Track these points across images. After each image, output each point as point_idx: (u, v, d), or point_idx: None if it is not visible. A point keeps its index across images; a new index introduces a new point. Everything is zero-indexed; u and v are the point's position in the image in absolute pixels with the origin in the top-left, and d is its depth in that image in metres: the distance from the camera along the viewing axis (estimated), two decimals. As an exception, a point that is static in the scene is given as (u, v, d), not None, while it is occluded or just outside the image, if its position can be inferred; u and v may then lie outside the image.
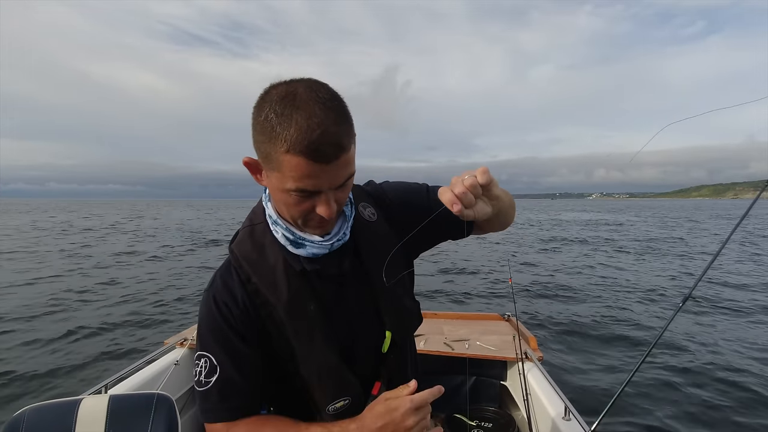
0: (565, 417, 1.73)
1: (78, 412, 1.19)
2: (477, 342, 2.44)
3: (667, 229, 25.67)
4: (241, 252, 0.87)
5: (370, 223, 0.94)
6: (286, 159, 0.68)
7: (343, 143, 0.69)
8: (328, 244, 0.84)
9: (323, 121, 0.67)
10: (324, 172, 0.70)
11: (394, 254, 0.91)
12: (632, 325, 6.33)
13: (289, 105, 0.68)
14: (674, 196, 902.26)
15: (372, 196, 0.99)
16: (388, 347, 0.91)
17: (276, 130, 0.68)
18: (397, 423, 0.74)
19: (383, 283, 0.90)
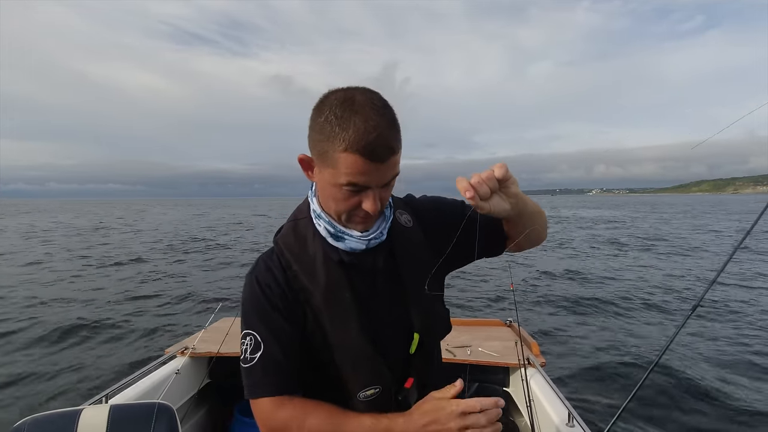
0: (568, 423, 1.72)
1: (78, 422, 1.18)
2: (479, 348, 2.43)
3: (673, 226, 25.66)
4: (285, 243, 0.94)
5: (406, 228, 0.99)
6: (342, 156, 0.77)
7: (394, 146, 0.79)
8: (366, 239, 0.90)
9: (378, 125, 0.76)
10: (375, 171, 0.78)
11: (431, 263, 0.96)
12: (641, 329, 6.30)
13: (348, 109, 0.77)
14: (674, 192, 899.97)
15: (409, 205, 1.05)
16: (415, 348, 0.94)
17: (335, 131, 0.76)
18: (442, 423, 0.77)
19: (415, 285, 0.94)
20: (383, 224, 0.93)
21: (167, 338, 5.92)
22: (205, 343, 2.34)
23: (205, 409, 2.33)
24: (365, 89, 0.80)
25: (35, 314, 6.98)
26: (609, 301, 8.07)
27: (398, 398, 0.92)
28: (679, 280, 10.31)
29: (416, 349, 0.94)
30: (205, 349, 2.28)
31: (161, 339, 5.91)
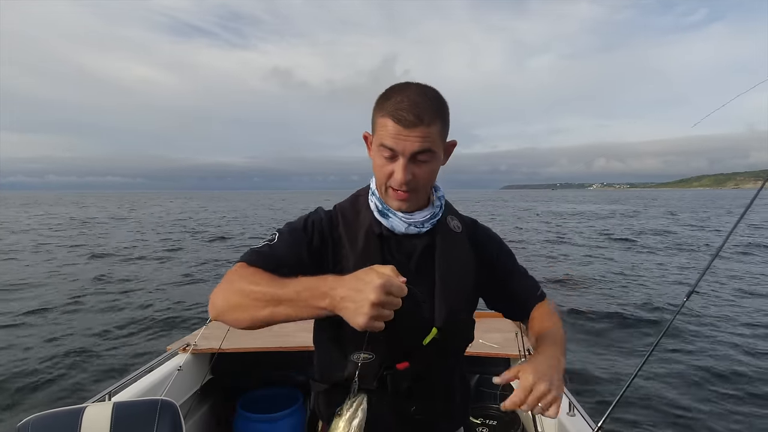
0: (569, 413, 1.73)
1: (82, 420, 1.19)
2: (479, 340, 2.44)
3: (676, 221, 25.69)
4: (341, 208, 1.05)
5: (452, 231, 1.04)
6: (380, 121, 0.90)
7: (423, 117, 0.86)
8: (407, 221, 0.97)
9: (415, 100, 0.87)
10: (403, 137, 0.87)
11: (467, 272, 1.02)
12: (638, 319, 6.33)
13: (398, 87, 0.91)
14: (675, 186, 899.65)
15: (467, 222, 1.10)
16: (429, 341, 0.95)
17: (382, 102, 0.91)
18: (362, 292, 0.72)
19: (446, 283, 0.98)
20: (427, 219, 0.99)
21: (169, 335, 5.94)
22: (207, 339, 2.35)
23: (208, 405, 2.34)
24: (425, 84, 0.92)
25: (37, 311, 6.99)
26: (608, 290, 8.11)
27: (383, 373, 0.94)
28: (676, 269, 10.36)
29: (429, 343, 0.95)
30: (206, 345, 2.29)
31: (163, 336, 5.93)
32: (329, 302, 0.75)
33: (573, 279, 9.25)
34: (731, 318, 6.35)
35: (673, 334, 5.40)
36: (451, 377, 1.05)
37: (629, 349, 5.13)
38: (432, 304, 0.97)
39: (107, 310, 7.21)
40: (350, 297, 0.72)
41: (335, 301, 0.74)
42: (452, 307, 0.98)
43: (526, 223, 26.29)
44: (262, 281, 0.83)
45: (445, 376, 1.03)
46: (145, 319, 6.63)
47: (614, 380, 4.24)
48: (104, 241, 17.70)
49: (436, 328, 0.95)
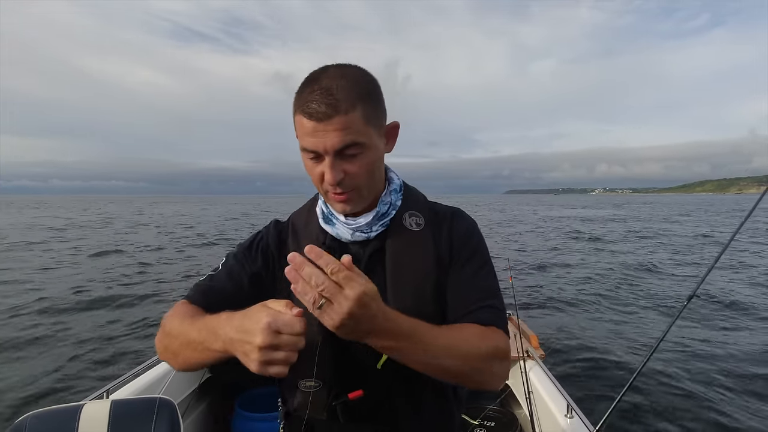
0: (567, 415, 1.73)
1: (80, 418, 1.18)
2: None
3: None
4: (295, 215, 0.97)
5: (410, 230, 0.88)
6: (296, 118, 0.78)
7: (338, 105, 0.73)
8: (351, 228, 0.86)
9: (326, 85, 0.74)
10: (318, 132, 0.74)
11: (424, 284, 0.85)
12: (638, 321, 6.33)
13: (311, 77, 0.77)
14: (678, 192, 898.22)
15: (439, 215, 0.93)
16: (383, 363, 0.82)
17: (296, 97, 0.78)
18: (250, 334, 0.63)
19: (398, 294, 0.84)
20: (376, 223, 0.87)
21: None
22: (206, 338, 2.35)
23: (206, 403, 2.34)
24: (346, 64, 0.79)
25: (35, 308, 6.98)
26: (608, 294, 8.11)
27: (332, 403, 0.84)
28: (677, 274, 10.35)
29: (384, 365, 0.82)
30: (205, 344, 2.29)
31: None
32: (221, 345, 0.68)
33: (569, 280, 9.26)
34: (733, 321, 6.35)
35: (674, 337, 5.40)
36: (420, 397, 0.87)
37: (629, 351, 5.12)
38: None
39: (106, 308, 7.21)
40: (238, 339, 0.64)
41: (227, 344, 0.67)
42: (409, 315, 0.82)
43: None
44: (184, 323, 0.77)
45: (412, 398, 0.87)
46: (143, 318, 6.63)
47: (613, 383, 4.24)
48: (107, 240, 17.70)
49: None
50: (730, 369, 4.59)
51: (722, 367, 4.63)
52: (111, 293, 8.22)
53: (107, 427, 1.19)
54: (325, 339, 0.82)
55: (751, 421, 3.63)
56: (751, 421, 3.64)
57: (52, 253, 13.49)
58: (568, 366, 4.67)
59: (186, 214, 38.70)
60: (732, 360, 4.84)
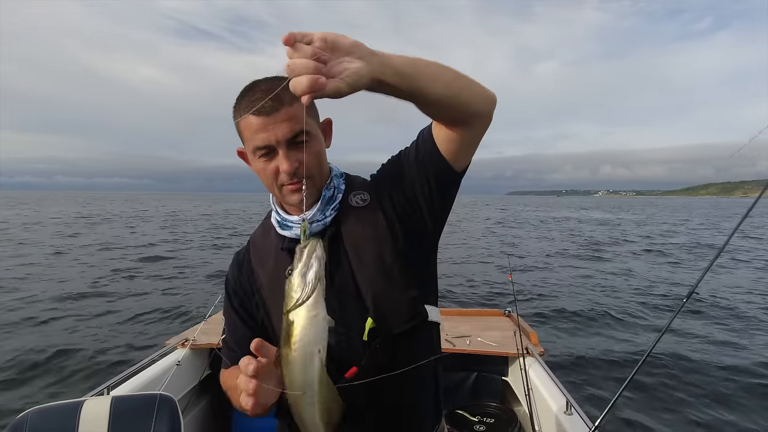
0: (567, 412, 1.73)
1: (81, 413, 1.19)
2: (478, 338, 2.44)
3: (666, 222, 25.67)
4: (253, 236, 1.03)
5: (357, 208, 0.93)
6: (241, 125, 0.83)
7: (282, 98, 0.78)
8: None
9: (265, 87, 0.80)
10: (269, 126, 0.80)
11: (387, 239, 0.91)
12: (636, 319, 6.34)
13: (246, 88, 0.84)
14: (682, 194, 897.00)
15: (371, 183, 0.99)
16: (367, 335, 0.88)
17: (236, 107, 0.84)
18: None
19: (364, 267, 0.90)
20: (326, 209, 0.91)
21: (168, 330, 5.94)
22: (206, 335, 2.35)
23: (206, 400, 2.35)
24: (276, 75, 0.83)
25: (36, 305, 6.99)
26: (608, 292, 8.12)
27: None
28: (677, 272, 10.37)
29: (370, 337, 0.87)
30: (205, 340, 2.30)
31: (162, 331, 5.93)
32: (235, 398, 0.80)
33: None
34: (732, 318, 6.36)
35: (672, 335, 5.41)
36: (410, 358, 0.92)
37: (628, 348, 5.13)
38: (359, 294, 0.89)
39: (107, 305, 7.21)
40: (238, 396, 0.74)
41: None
42: (377, 287, 0.89)
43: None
44: (227, 383, 0.93)
45: (402, 360, 0.91)
46: (144, 314, 6.63)
47: (612, 380, 4.25)
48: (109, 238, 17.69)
49: (370, 318, 0.87)
50: (729, 366, 4.60)
51: (720, 365, 4.64)
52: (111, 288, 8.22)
53: (108, 423, 1.19)
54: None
55: (749, 415, 3.64)
56: (748, 414, 3.65)
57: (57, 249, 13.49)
58: (568, 363, 4.68)
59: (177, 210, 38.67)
60: (730, 358, 4.85)
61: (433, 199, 0.91)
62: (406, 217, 0.92)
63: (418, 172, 0.89)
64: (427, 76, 0.71)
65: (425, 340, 0.98)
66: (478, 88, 0.79)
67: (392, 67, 0.66)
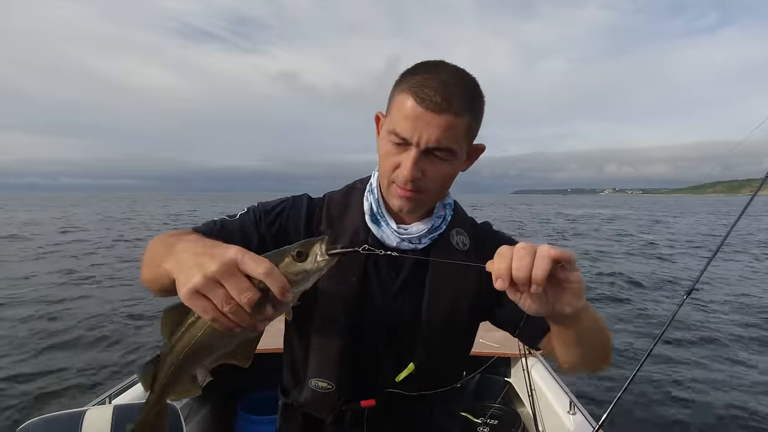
0: (570, 411, 1.73)
1: (83, 423, 1.18)
2: (480, 339, 2.43)
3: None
4: (330, 202, 0.88)
5: (456, 250, 0.85)
6: (399, 98, 0.73)
7: (453, 102, 0.70)
8: (400, 236, 0.82)
9: (445, 79, 0.71)
10: (421, 121, 0.70)
11: (461, 308, 0.84)
12: (638, 317, 6.33)
13: (430, 64, 0.75)
14: (688, 192, 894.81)
15: (478, 232, 0.91)
16: (403, 378, 0.82)
17: (406, 76, 0.74)
18: (197, 267, 0.51)
19: (433, 315, 0.83)
20: (426, 235, 0.83)
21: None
22: (207, 341, 2.35)
23: (209, 407, 2.34)
24: (463, 69, 0.76)
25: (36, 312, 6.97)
26: (610, 290, 8.11)
27: (342, 407, 0.83)
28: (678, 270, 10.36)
29: (404, 380, 0.82)
30: (207, 347, 2.29)
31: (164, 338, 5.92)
32: (171, 264, 0.57)
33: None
34: (732, 317, 6.35)
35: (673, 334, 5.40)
36: (428, 418, 0.88)
37: (631, 347, 5.12)
38: (414, 338, 0.83)
39: (109, 311, 7.20)
40: (191, 264, 0.52)
41: (175, 266, 0.56)
42: (437, 341, 0.83)
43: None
44: (168, 237, 0.68)
45: (421, 418, 0.87)
46: (146, 319, 6.62)
47: (615, 379, 4.24)
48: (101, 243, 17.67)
49: (414, 364, 0.82)
50: (732, 366, 4.59)
51: (724, 362, 4.63)
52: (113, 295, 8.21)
53: (110, 432, 1.19)
54: (349, 344, 0.82)
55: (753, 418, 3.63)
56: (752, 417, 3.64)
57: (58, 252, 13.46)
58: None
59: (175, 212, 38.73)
60: (733, 356, 4.85)
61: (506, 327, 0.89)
62: (489, 302, 0.86)
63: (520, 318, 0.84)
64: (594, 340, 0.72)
65: (445, 399, 0.91)
66: (605, 353, 0.77)
67: (588, 317, 0.65)
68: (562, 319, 0.63)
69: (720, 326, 5.84)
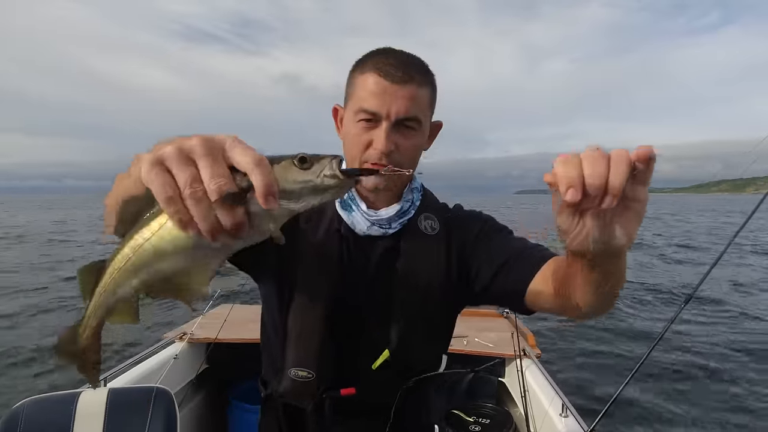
0: (562, 414, 1.74)
1: (77, 405, 1.19)
2: (475, 339, 2.44)
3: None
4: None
5: (424, 234, 0.85)
6: (359, 80, 0.76)
7: (414, 76, 0.74)
8: (370, 220, 0.82)
9: (401, 56, 0.76)
10: (388, 94, 0.73)
11: (432, 290, 0.83)
12: (634, 322, 6.33)
13: (381, 49, 0.78)
14: (692, 192, 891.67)
15: (447, 214, 0.91)
16: (378, 365, 0.83)
17: (361, 62, 0.77)
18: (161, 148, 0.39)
19: (407, 299, 0.83)
20: (395, 219, 0.83)
21: (165, 323, 5.94)
22: (204, 329, 2.35)
23: (203, 394, 2.35)
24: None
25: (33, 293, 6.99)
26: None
27: (322, 395, 0.83)
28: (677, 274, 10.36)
29: (380, 367, 0.83)
30: (203, 335, 2.30)
31: (159, 324, 5.93)
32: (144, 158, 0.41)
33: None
34: (730, 322, 6.36)
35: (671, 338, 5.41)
36: (408, 407, 0.88)
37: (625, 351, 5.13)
38: (388, 323, 0.83)
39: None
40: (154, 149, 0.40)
41: (143, 157, 0.41)
42: (410, 327, 0.83)
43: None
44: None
45: (400, 406, 0.87)
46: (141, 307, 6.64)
47: (609, 383, 4.25)
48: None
49: (388, 350, 0.82)
50: (728, 371, 4.60)
51: (720, 369, 4.64)
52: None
53: (104, 414, 1.19)
54: (327, 332, 0.82)
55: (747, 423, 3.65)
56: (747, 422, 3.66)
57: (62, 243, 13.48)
58: (564, 365, 4.68)
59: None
60: (730, 362, 4.86)
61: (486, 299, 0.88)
62: (460, 283, 0.86)
63: (493, 282, 0.81)
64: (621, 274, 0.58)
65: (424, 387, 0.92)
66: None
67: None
68: (607, 253, 0.50)
69: (721, 333, 5.85)
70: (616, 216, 0.47)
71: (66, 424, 1.15)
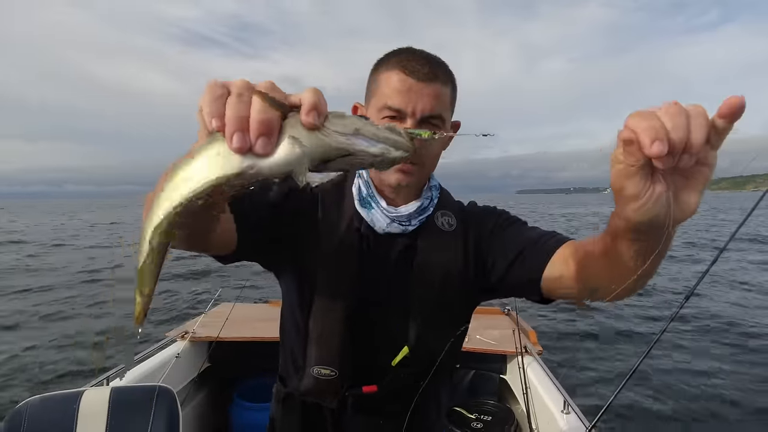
0: (564, 411, 1.74)
1: (80, 404, 1.19)
2: (477, 336, 2.44)
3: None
4: (322, 192, 0.86)
5: (441, 231, 0.86)
6: (383, 77, 0.76)
7: (438, 74, 0.74)
8: (389, 217, 0.82)
9: (425, 55, 0.76)
10: (413, 92, 0.73)
11: (450, 286, 0.84)
12: (635, 320, 6.33)
13: (402, 49, 0.78)
14: None
15: (463, 211, 0.92)
16: (398, 361, 0.84)
17: (385, 59, 0.78)
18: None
19: (424, 296, 0.84)
20: (414, 216, 0.84)
21: (167, 322, 5.96)
22: (206, 327, 2.36)
23: (205, 392, 2.36)
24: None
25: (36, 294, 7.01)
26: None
27: (345, 393, 0.84)
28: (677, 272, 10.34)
29: (399, 364, 0.84)
30: (205, 333, 2.30)
31: (161, 323, 5.95)
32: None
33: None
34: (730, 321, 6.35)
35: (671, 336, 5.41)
36: (428, 403, 0.90)
37: (626, 348, 5.14)
38: (407, 319, 0.84)
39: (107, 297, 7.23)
40: None
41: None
42: (429, 324, 0.84)
43: None
44: None
45: (420, 403, 0.88)
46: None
47: (610, 380, 4.25)
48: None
49: (407, 347, 0.83)
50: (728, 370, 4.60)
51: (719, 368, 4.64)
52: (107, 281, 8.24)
53: (107, 413, 1.20)
54: (348, 331, 0.83)
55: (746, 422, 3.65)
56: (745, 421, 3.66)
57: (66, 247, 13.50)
58: (566, 362, 4.68)
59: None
60: (730, 361, 4.85)
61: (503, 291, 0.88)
62: (477, 278, 0.86)
63: (508, 272, 0.82)
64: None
65: (444, 381, 0.94)
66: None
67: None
68: (663, 224, 0.45)
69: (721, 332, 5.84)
70: (686, 180, 0.43)
71: (69, 423, 1.16)
